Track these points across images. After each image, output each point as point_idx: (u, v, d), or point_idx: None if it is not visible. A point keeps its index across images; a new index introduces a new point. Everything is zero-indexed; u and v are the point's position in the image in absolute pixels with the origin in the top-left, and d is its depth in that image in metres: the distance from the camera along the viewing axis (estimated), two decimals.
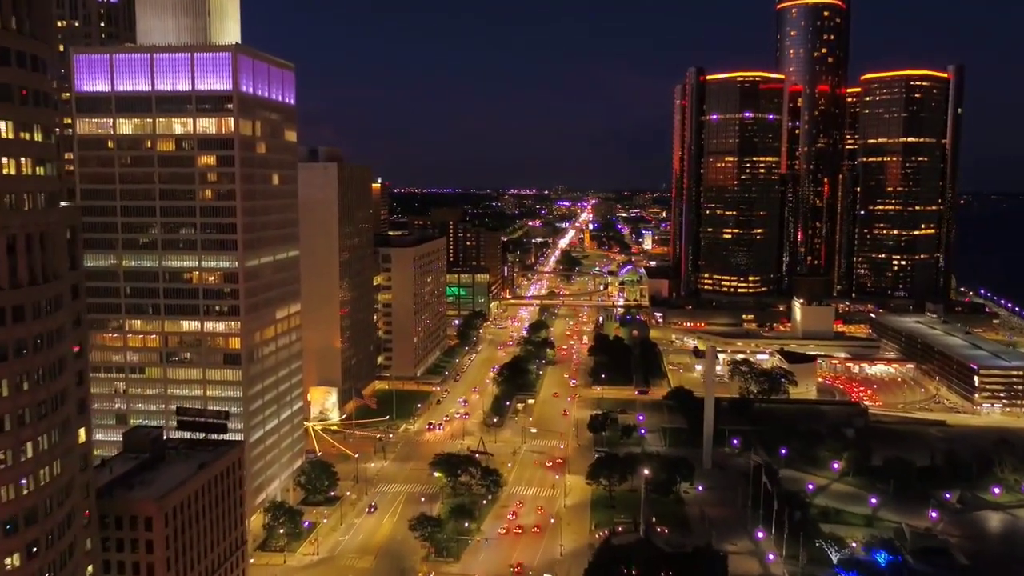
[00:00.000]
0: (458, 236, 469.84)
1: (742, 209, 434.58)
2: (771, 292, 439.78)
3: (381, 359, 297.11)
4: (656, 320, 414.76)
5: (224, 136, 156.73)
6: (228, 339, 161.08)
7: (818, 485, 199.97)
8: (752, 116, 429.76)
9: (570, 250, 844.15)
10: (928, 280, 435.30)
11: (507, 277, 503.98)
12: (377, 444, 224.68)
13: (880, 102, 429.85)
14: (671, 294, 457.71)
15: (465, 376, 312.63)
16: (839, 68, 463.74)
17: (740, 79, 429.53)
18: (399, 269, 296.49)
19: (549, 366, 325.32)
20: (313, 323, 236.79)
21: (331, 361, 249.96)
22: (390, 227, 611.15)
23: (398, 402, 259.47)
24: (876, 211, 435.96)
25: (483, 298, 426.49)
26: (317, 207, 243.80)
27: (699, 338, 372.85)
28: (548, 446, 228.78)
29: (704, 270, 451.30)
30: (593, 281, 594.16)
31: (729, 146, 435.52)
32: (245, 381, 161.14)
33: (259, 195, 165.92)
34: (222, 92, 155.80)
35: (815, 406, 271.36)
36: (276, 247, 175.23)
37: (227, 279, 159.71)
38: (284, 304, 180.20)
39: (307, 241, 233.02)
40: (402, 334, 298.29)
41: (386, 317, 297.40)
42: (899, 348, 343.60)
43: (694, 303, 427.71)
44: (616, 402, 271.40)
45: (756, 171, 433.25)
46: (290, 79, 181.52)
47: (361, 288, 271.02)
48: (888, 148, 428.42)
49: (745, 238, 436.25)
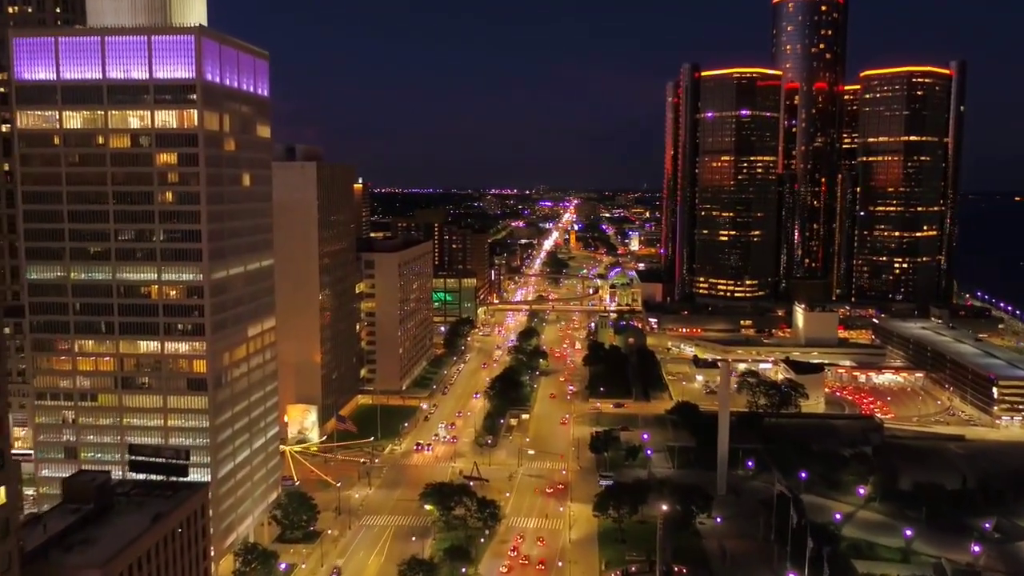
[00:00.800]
0: (444, 239, 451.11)
1: (739, 210, 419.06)
2: (768, 296, 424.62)
3: (364, 372, 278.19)
4: (651, 326, 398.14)
5: (186, 131, 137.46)
6: (192, 361, 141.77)
7: (844, 514, 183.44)
8: (749, 114, 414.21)
9: (556, 251, 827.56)
10: (930, 283, 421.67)
11: (494, 281, 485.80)
12: (361, 469, 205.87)
13: (881, 99, 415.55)
14: (665, 298, 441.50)
15: (454, 389, 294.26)
16: (837, 65, 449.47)
17: (737, 75, 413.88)
18: (383, 276, 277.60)
19: (542, 377, 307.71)
20: (290, 336, 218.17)
21: (310, 377, 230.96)
22: (372, 228, 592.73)
23: (383, 419, 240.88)
24: (876, 212, 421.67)
25: (470, 303, 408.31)
26: (294, 210, 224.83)
27: (697, 345, 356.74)
28: (547, 469, 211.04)
29: (699, 273, 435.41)
30: (582, 284, 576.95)
31: (725, 145, 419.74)
32: (212, 409, 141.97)
33: (227, 198, 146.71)
34: (184, 81, 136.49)
35: (827, 420, 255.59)
36: (247, 256, 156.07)
37: (190, 293, 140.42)
38: (257, 320, 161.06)
39: (283, 247, 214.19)
40: (387, 345, 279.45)
41: (369, 327, 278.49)
42: (906, 356, 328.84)
43: (690, 308, 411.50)
44: (616, 417, 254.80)
45: (753, 171, 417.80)
46: (263, 68, 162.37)
47: (342, 297, 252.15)
48: (889, 147, 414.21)
49: (742, 240, 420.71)
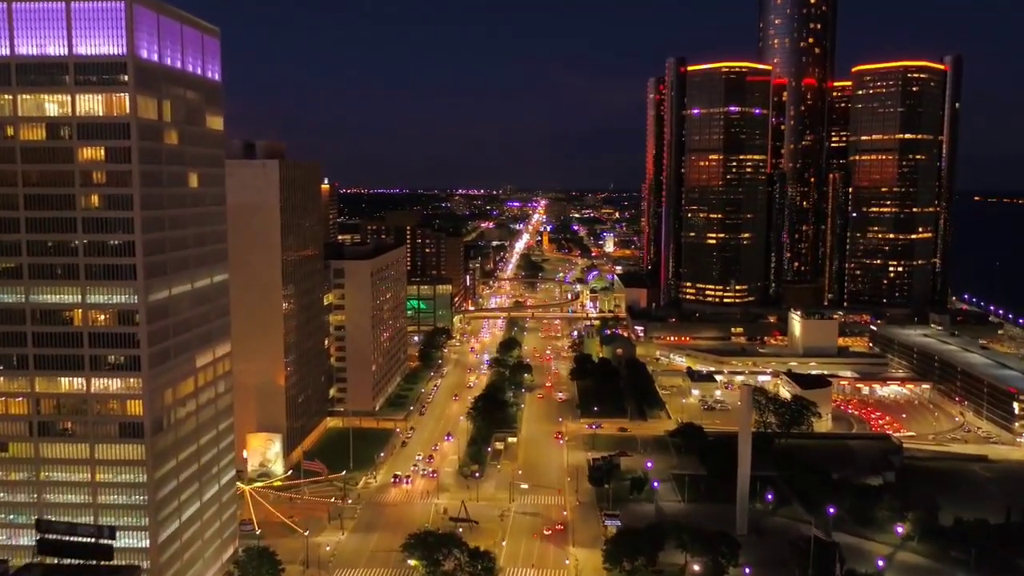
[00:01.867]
0: (416, 242, 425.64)
1: (728, 212, 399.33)
2: (758, 302, 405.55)
3: (334, 391, 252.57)
4: (637, 334, 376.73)
5: (116, 120, 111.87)
6: (125, 402, 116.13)
7: (884, 557, 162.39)
8: (738, 110, 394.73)
9: (529, 253, 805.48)
10: (925, 288, 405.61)
11: (469, 287, 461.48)
12: (332, 509, 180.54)
13: (874, 96, 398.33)
14: (650, 304, 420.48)
15: (432, 408, 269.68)
16: (826, 60, 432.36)
17: (725, 70, 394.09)
18: (354, 285, 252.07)
19: (528, 393, 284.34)
20: (250, 358, 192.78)
21: (273, 402, 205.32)
22: (340, 230, 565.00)
23: (356, 445, 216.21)
24: (870, 213, 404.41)
25: (446, 311, 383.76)
26: (254, 214, 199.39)
27: (689, 356, 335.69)
28: (543, 505, 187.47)
29: (686, 278, 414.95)
30: (560, 289, 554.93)
31: (713, 143, 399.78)
32: (151, 459, 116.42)
33: (169, 201, 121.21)
34: (112, 58, 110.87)
35: (842, 441, 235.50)
36: (195, 271, 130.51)
37: (123, 319, 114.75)
38: (208, 346, 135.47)
39: (242, 257, 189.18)
40: (358, 361, 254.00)
41: (339, 342, 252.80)
42: (910, 366, 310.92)
43: (677, 315, 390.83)
44: (612, 439, 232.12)
45: (743, 170, 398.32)
46: (213, 47, 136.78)
47: (309, 310, 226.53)
48: (883, 145, 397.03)
49: (731, 243, 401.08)
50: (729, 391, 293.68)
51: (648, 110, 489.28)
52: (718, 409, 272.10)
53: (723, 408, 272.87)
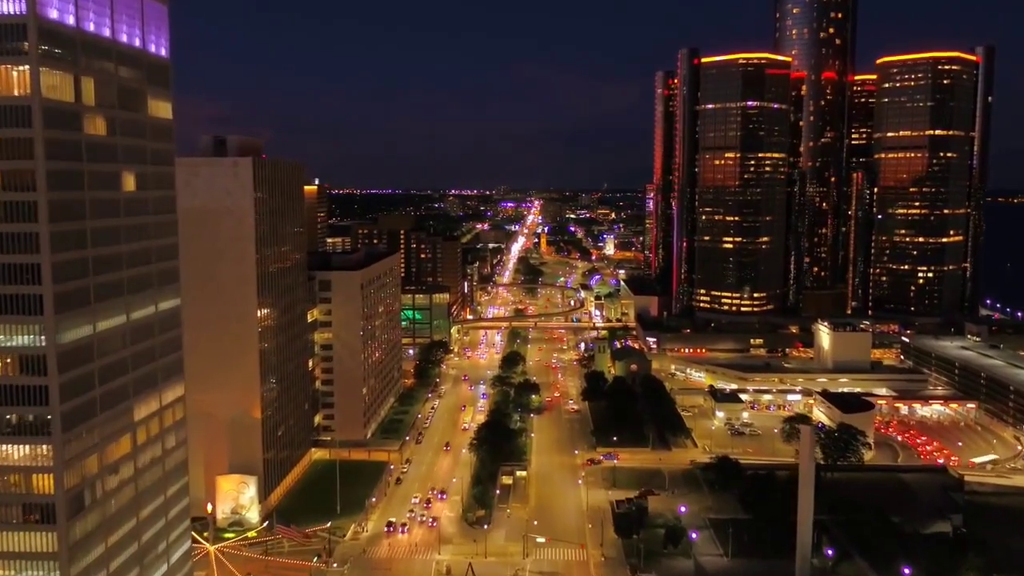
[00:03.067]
0: (411, 247, 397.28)
1: (745, 213, 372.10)
2: (777, 311, 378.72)
3: (319, 419, 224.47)
4: (649, 346, 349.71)
5: (12, 101, 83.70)
6: (31, 477, 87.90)
7: None
8: (756, 105, 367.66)
9: (527, 256, 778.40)
10: (955, 294, 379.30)
11: (467, 294, 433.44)
12: (313, 571, 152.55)
13: (901, 89, 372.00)
14: (661, 313, 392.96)
15: (429, 434, 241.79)
16: (846, 53, 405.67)
17: (743, 62, 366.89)
18: (343, 299, 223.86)
19: (535, 416, 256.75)
20: (220, 387, 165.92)
21: (248, 438, 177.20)
22: (330, 233, 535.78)
23: (344, 480, 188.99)
24: (896, 215, 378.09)
25: (443, 322, 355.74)
26: (223, 220, 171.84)
27: (709, 372, 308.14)
28: (563, 561, 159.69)
29: (700, 285, 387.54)
30: (562, 295, 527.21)
31: (730, 140, 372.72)
32: (66, 551, 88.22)
33: (93, 210, 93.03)
34: (7, 19, 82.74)
35: (894, 474, 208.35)
36: (134, 298, 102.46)
37: (26, 366, 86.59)
38: (151, 392, 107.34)
39: (209, 269, 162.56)
40: (347, 385, 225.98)
41: (325, 363, 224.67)
42: (951, 382, 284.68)
43: (692, 325, 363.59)
44: (634, 474, 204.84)
45: (761, 169, 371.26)
46: (159, 15, 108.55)
47: (291, 328, 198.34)
48: (911, 142, 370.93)
49: (748, 248, 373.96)
50: (755, 411, 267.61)
51: (656, 106, 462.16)
52: (747, 434, 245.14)
53: (753, 432, 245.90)
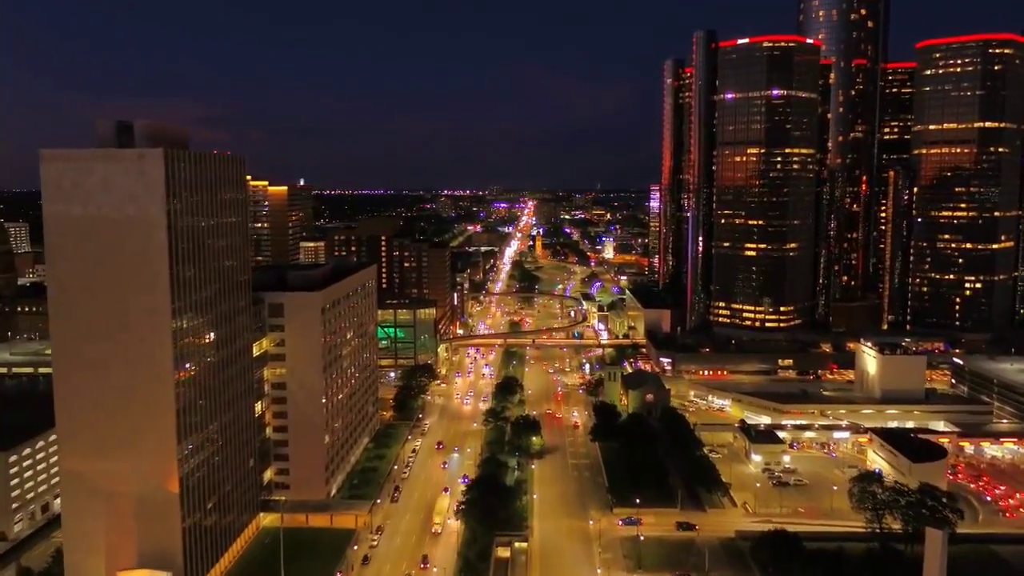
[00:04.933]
0: (393, 255, 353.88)
1: (770, 217, 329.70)
2: (805, 326, 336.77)
3: (271, 474, 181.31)
4: (663, 368, 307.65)
5: None
6: None
7: None
8: (782, 95, 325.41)
9: (521, 260, 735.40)
10: (1006, 307, 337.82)
11: (457, 306, 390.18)
12: None
13: (945, 76, 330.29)
14: (674, 328, 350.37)
15: (409, 488, 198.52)
16: (878, 37, 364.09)
17: (768, 45, 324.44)
18: (299, 326, 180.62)
19: (536, 461, 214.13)
20: (124, 454, 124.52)
21: (162, 519, 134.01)
22: (306, 237, 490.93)
23: (295, 558, 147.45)
24: (940, 218, 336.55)
25: (428, 340, 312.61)
26: (127, 233, 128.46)
27: (736, 401, 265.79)
28: None
29: (718, 297, 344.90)
30: (560, 304, 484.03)
31: (752, 134, 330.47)
32: None
33: None
34: None
35: (984, 545, 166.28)
36: None
37: None
38: None
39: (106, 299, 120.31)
40: (305, 431, 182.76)
41: (278, 406, 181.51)
42: (1019, 413, 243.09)
43: (710, 343, 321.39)
44: (663, 548, 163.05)
45: (788, 167, 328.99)
46: None
47: (230, 367, 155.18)
48: (957, 136, 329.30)
49: (774, 255, 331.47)
50: (796, 451, 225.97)
51: (665, 98, 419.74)
52: (792, 484, 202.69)
53: (799, 482, 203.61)
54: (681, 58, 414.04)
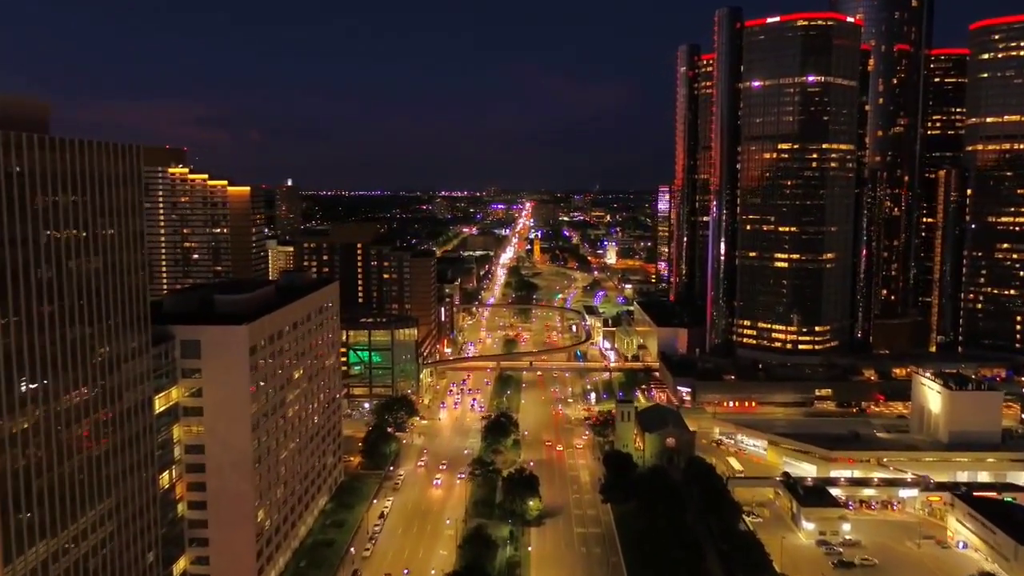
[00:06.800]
0: (370, 265, 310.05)
1: (805, 223, 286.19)
2: (843, 348, 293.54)
3: (186, 563, 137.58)
4: (681, 398, 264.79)
5: None
6: None
7: None
8: (820, 81, 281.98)
9: (518, 266, 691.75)
10: None
11: (444, 321, 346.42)
12: None
13: (1006, 61, 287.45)
14: (692, 350, 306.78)
15: (372, 572, 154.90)
16: (922, 19, 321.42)
17: (803, 25, 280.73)
18: (222, 368, 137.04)
19: (534, 530, 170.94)
20: None
21: None
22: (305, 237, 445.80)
23: None
24: (998, 225, 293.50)
25: (409, 366, 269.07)
26: None
27: (772, 444, 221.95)
28: None
29: (743, 314, 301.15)
30: (562, 317, 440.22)
31: (784, 128, 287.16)
32: None
33: None
34: None
35: None
36: None
37: None
38: None
39: None
40: (231, 505, 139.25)
41: (194, 474, 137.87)
42: None
43: (734, 368, 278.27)
44: None
45: (825, 165, 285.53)
46: None
47: (120, 431, 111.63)
48: (1020, 130, 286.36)
49: (809, 267, 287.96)
50: (852, 511, 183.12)
51: (678, 88, 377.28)
52: (859, 564, 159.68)
53: (866, 563, 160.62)
54: (696, 43, 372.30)
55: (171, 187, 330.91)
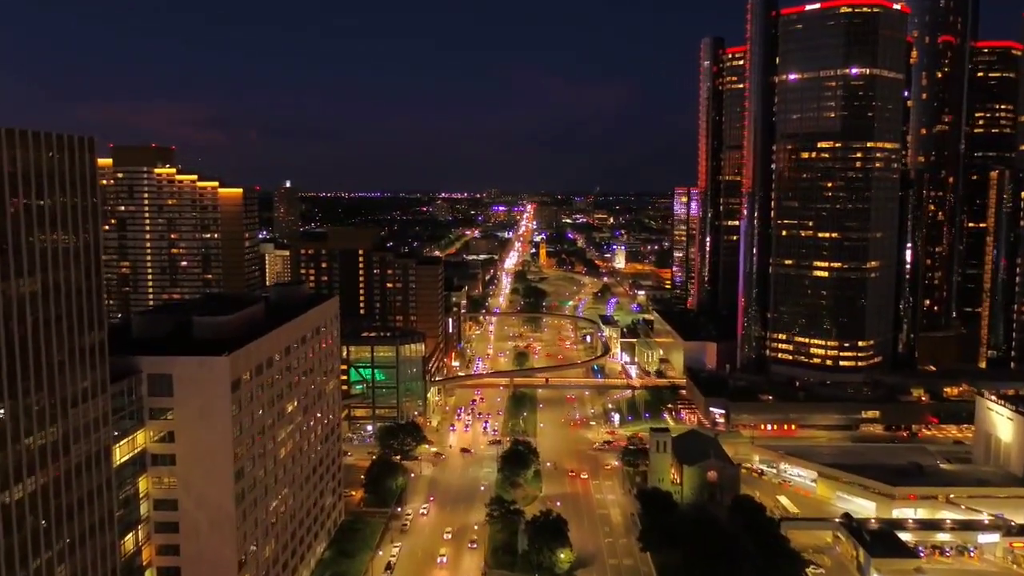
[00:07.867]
0: (372, 274, 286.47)
1: (847, 229, 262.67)
2: (886, 364, 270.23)
3: None
4: (714, 420, 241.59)
5: None
6: None
7: None
8: (864, 74, 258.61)
9: (524, 270, 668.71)
10: None
11: (452, 333, 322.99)
12: None
13: None
14: (723, 366, 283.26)
15: None
16: (968, 10, 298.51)
17: (846, 12, 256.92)
18: (197, 408, 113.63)
19: None
20: None
21: None
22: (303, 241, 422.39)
23: None
24: None
25: (416, 384, 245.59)
26: None
27: (823, 476, 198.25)
28: None
29: (777, 327, 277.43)
30: (574, 326, 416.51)
31: (825, 124, 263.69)
32: None
33: None
34: None
35: None
36: None
37: None
38: None
39: None
40: (209, 570, 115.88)
41: (164, 535, 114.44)
42: None
43: (770, 387, 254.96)
44: None
45: (870, 165, 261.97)
46: None
47: (71, 489, 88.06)
48: None
49: (851, 276, 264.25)
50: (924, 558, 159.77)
51: (701, 83, 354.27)
52: None
53: None
54: (720, 36, 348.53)
55: (157, 189, 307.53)
